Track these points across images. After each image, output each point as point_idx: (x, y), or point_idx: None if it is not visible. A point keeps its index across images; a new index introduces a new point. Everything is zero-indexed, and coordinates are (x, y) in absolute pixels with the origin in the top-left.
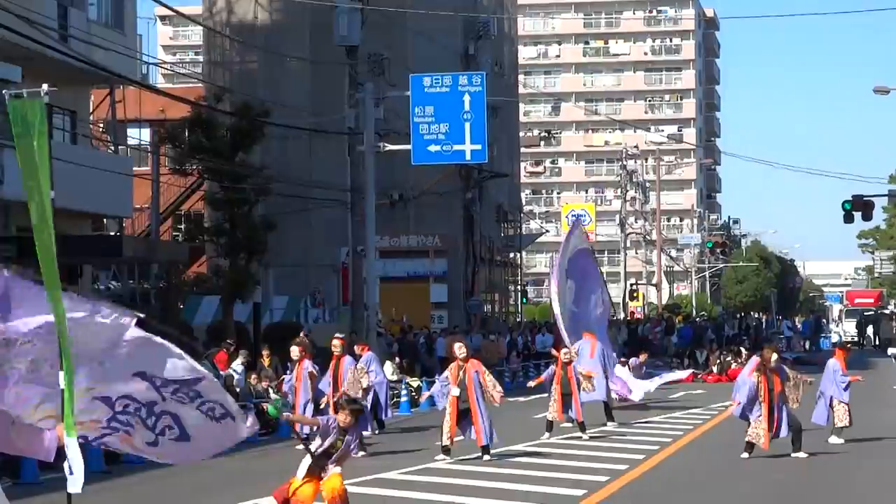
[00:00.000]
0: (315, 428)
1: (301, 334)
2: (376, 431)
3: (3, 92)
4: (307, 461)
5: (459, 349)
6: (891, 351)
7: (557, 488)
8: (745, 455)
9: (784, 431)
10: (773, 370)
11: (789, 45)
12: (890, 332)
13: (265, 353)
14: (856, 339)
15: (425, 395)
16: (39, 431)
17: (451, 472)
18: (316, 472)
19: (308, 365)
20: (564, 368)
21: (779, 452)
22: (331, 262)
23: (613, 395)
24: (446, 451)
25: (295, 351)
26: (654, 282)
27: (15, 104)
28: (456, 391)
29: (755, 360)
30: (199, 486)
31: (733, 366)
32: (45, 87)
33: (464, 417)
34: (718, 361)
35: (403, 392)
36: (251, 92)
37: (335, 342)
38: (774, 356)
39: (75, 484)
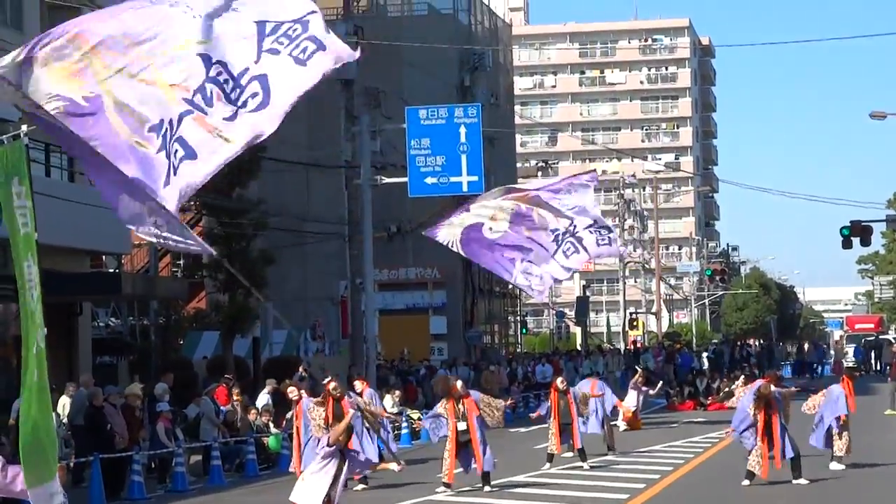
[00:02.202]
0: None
1: (300, 369)
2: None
3: None
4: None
5: (463, 387)
6: None
7: None
8: (747, 482)
9: (790, 452)
10: (771, 398)
11: (785, 71)
12: (890, 357)
13: (235, 391)
14: (860, 364)
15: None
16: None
17: None
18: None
19: (307, 403)
20: (563, 397)
21: (780, 479)
22: (330, 296)
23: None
24: (447, 484)
25: (293, 391)
26: (653, 310)
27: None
28: (462, 426)
29: (755, 386)
30: None
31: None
32: (24, 128)
33: (464, 449)
34: (727, 390)
35: (404, 424)
36: None
37: (333, 385)
38: (762, 382)
39: None
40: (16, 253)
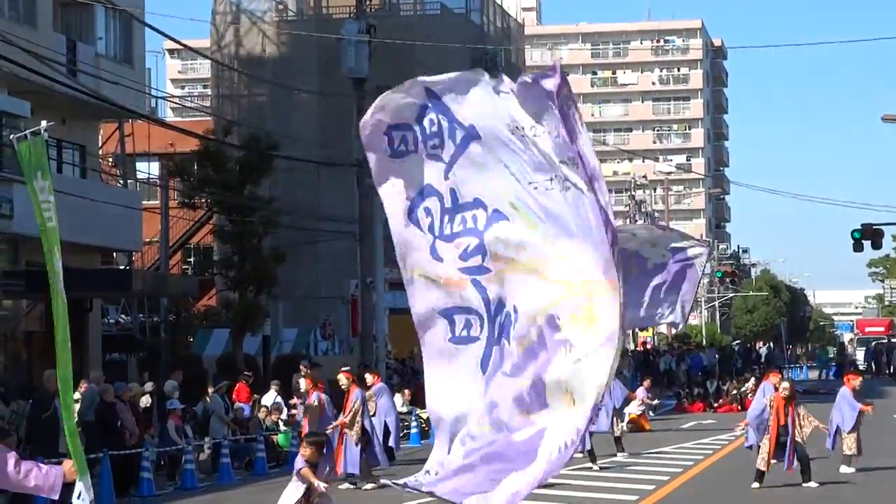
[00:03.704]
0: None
1: (301, 366)
2: (388, 464)
3: (12, 137)
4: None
5: None
6: None
7: None
8: (756, 485)
9: (790, 463)
10: (787, 400)
11: (797, 73)
12: None
13: (210, 390)
14: (871, 367)
15: None
16: (44, 468)
17: None
18: None
19: (316, 397)
20: None
21: (790, 482)
22: (340, 294)
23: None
24: None
25: (303, 384)
26: None
27: (24, 146)
28: None
29: (765, 388)
30: None
31: (749, 396)
32: (44, 123)
33: None
34: (735, 392)
35: (413, 423)
36: (259, 125)
37: (341, 377)
38: (785, 384)
39: None
40: (47, 246)
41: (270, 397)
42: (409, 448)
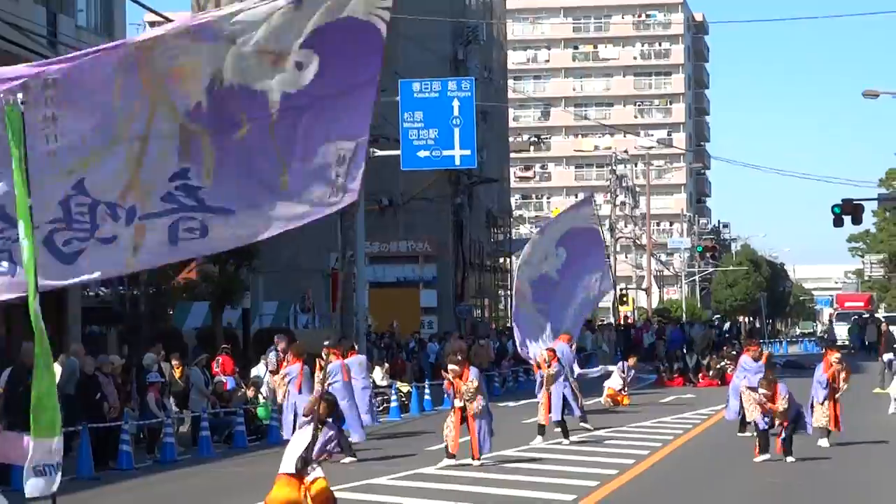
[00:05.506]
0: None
1: (276, 339)
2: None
3: (8, 97)
4: (290, 454)
5: (452, 370)
6: (888, 357)
7: (548, 493)
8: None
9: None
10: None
11: (778, 49)
12: (874, 335)
13: (175, 363)
14: (847, 342)
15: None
16: (22, 438)
17: (441, 478)
18: (299, 472)
19: (298, 368)
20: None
21: (771, 458)
22: (320, 268)
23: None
24: (451, 456)
25: (289, 355)
26: (644, 286)
27: (10, 109)
28: (459, 403)
29: (744, 361)
30: (191, 493)
31: (729, 370)
32: (20, 96)
33: (464, 423)
34: (718, 367)
35: (393, 397)
36: None
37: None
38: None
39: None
40: (21, 212)
41: (259, 370)
42: (390, 422)
